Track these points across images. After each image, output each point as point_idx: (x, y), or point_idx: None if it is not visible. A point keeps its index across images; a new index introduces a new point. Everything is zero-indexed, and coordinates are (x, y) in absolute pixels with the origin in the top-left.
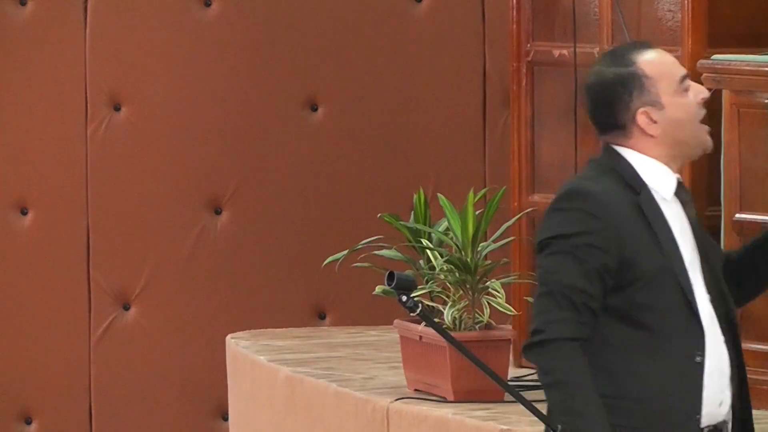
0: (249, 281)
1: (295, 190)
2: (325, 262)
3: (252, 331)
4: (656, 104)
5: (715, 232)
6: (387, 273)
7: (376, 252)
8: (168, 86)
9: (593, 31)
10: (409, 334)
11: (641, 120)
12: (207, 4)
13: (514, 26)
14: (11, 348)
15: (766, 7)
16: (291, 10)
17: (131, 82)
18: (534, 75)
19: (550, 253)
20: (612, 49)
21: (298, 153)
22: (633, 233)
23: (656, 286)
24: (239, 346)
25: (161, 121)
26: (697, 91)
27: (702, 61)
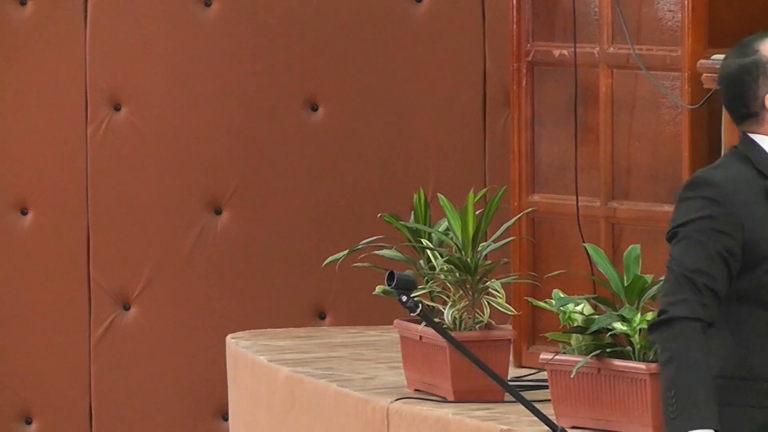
0: (249, 281)
1: (295, 191)
2: (325, 262)
3: (252, 331)
4: None
5: None
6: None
7: (376, 252)
8: (168, 86)
9: (593, 31)
10: (410, 334)
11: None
12: (207, 4)
13: (514, 26)
14: (11, 348)
15: (766, 7)
16: (291, 11)
17: (131, 83)
18: (534, 75)
19: (677, 241)
20: (740, 41)
21: (299, 153)
22: (758, 217)
23: None
24: (239, 346)
25: (161, 120)
26: None
27: (702, 60)
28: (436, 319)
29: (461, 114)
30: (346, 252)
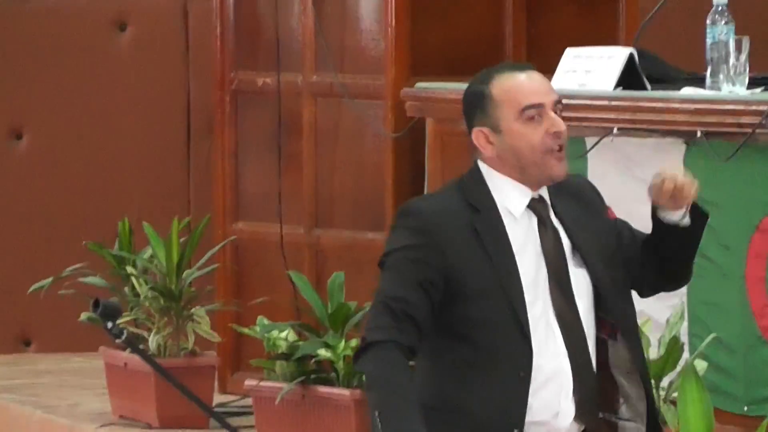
0: None
1: None
2: (30, 289)
3: None
4: (495, 127)
5: None
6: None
7: (81, 279)
8: None
9: (297, 59)
10: (115, 361)
11: (476, 138)
12: None
13: (218, 55)
14: None
15: (468, 36)
16: None
17: None
18: (238, 104)
19: (382, 270)
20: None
21: (3, 181)
22: (462, 250)
23: (484, 303)
24: None
25: None
26: (550, 124)
27: (405, 89)
28: (141, 346)
29: (165, 142)
30: (50, 279)
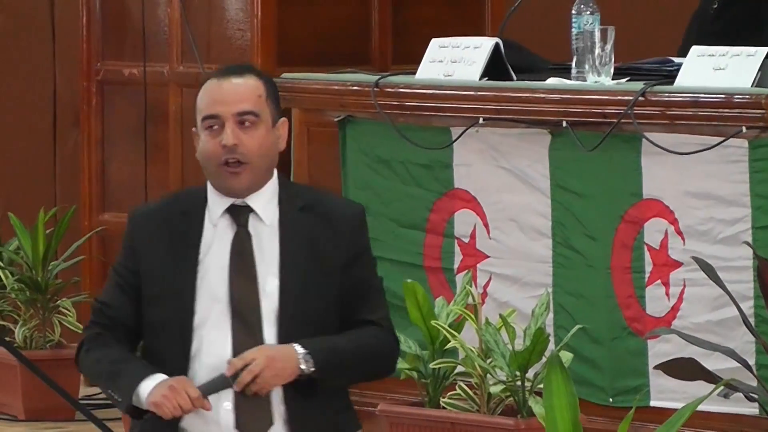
0: None
1: None
2: None
3: None
4: (197, 132)
5: None
6: None
7: None
8: None
9: (163, 50)
10: None
11: (193, 139)
12: None
13: (84, 45)
14: None
15: (335, 27)
16: None
17: None
18: (104, 94)
19: None
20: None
21: None
22: (153, 254)
23: (158, 308)
24: None
25: None
26: (223, 137)
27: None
28: (7, 338)
29: (31, 133)
30: None
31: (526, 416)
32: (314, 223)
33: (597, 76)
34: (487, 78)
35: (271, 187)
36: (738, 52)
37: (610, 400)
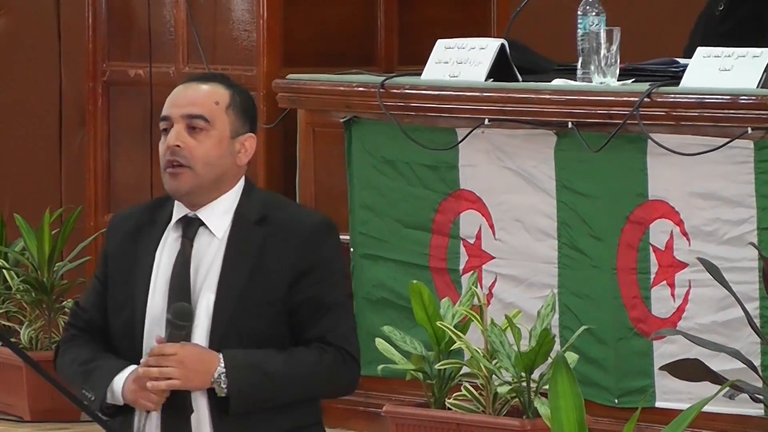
0: None
1: None
2: None
3: None
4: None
5: None
6: None
7: None
8: None
9: (169, 50)
10: None
11: None
12: None
13: (90, 46)
14: None
15: (341, 27)
16: None
17: None
18: (110, 95)
19: None
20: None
21: None
22: (123, 261)
23: (116, 316)
24: None
25: None
26: (168, 138)
27: (277, 80)
28: (13, 339)
29: (37, 133)
30: None
31: (531, 417)
32: (266, 236)
33: (602, 77)
34: (492, 79)
35: (229, 200)
36: (743, 53)
37: (616, 401)
